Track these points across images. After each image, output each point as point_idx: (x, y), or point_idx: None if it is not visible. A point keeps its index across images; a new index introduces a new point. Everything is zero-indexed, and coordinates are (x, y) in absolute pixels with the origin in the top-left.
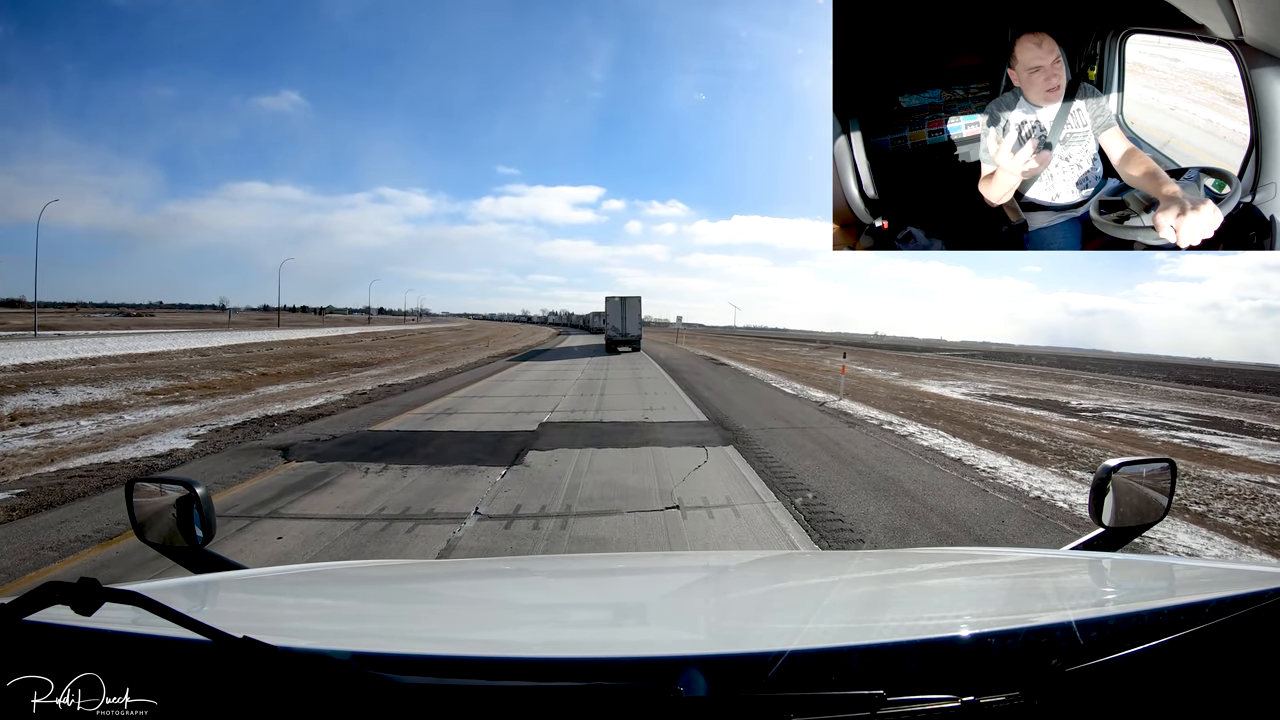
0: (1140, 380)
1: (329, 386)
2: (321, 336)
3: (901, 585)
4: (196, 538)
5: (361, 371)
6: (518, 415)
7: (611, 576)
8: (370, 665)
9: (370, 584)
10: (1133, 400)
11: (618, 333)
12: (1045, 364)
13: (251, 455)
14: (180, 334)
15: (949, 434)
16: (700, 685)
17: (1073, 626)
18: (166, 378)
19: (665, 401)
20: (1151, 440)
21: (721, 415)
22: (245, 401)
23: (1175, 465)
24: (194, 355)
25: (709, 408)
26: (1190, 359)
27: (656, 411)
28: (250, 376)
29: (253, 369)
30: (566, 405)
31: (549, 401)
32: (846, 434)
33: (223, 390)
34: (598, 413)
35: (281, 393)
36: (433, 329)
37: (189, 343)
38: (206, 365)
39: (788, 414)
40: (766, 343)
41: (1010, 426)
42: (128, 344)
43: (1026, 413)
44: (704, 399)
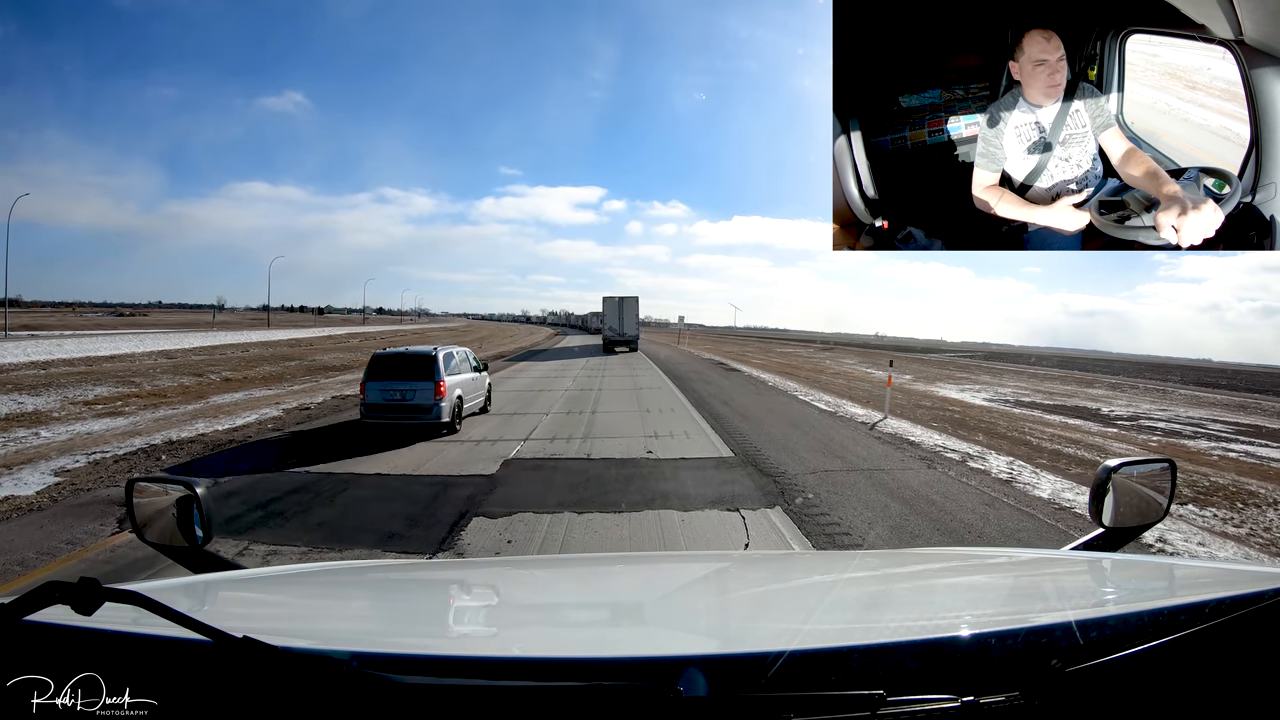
0: (1157, 383)
1: (286, 396)
2: (308, 337)
3: (901, 585)
4: (196, 537)
5: (335, 376)
6: (478, 446)
7: (611, 577)
8: (370, 665)
9: (370, 584)
10: (1163, 406)
11: (615, 333)
12: (1053, 365)
13: (81, 518)
14: (164, 334)
15: (1030, 463)
16: (700, 685)
17: (1073, 627)
18: (117, 384)
19: (673, 423)
20: (1206, 455)
21: (751, 447)
22: (184, 415)
23: (1175, 465)
24: (160, 358)
25: (732, 433)
26: (1191, 360)
27: (663, 441)
28: (210, 382)
29: (218, 373)
30: (547, 428)
31: (525, 423)
32: (932, 482)
33: (172, 398)
34: (585, 441)
35: (234, 402)
36: (428, 329)
37: (164, 344)
38: (168, 369)
39: (838, 444)
40: (769, 344)
41: (1056, 440)
42: (95, 346)
43: (1060, 421)
44: (722, 419)
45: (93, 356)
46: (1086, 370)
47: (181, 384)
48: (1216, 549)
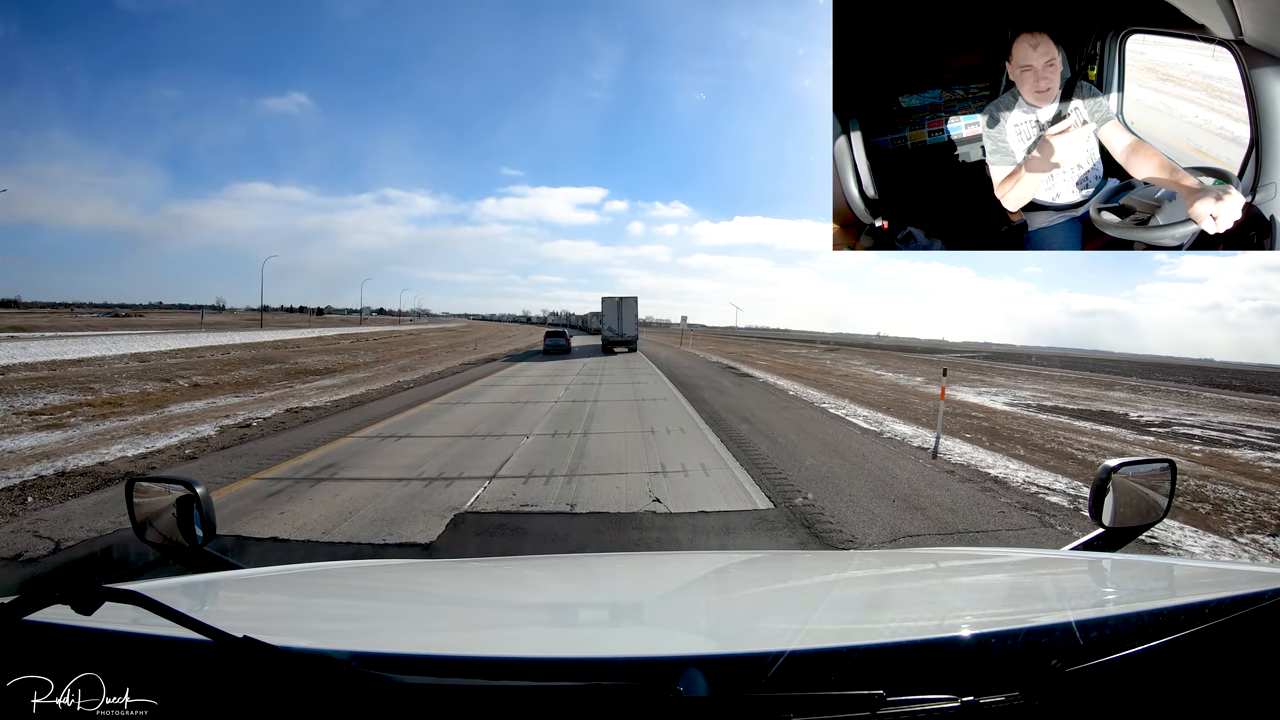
0: (1172, 384)
1: (248, 405)
2: (296, 338)
3: (901, 585)
4: (197, 537)
5: (312, 381)
6: (429, 486)
7: (611, 576)
8: (370, 665)
9: (370, 584)
10: (1191, 410)
11: (614, 333)
12: (1060, 366)
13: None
14: (149, 335)
15: None
16: (700, 685)
17: (1073, 627)
18: (74, 391)
19: (685, 449)
20: (1257, 468)
21: (792, 489)
22: (125, 429)
23: (1175, 465)
24: (133, 361)
25: (763, 467)
26: (1193, 360)
27: (674, 480)
28: (175, 389)
29: (188, 378)
30: (524, 458)
31: (498, 450)
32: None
33: (127, 408)
34: (570, 482)
35: (189, 413)
36: (424, 330)
37: (143, 346)
38: (136, 375)
39: (905, 485)
40: (772, 344)
41: (1102, 453)
42: (65, 349)
43: (1092, 429)
44: (745, 443)
45: (60, 360)
46: (1095, 371)
47: (143, 391)
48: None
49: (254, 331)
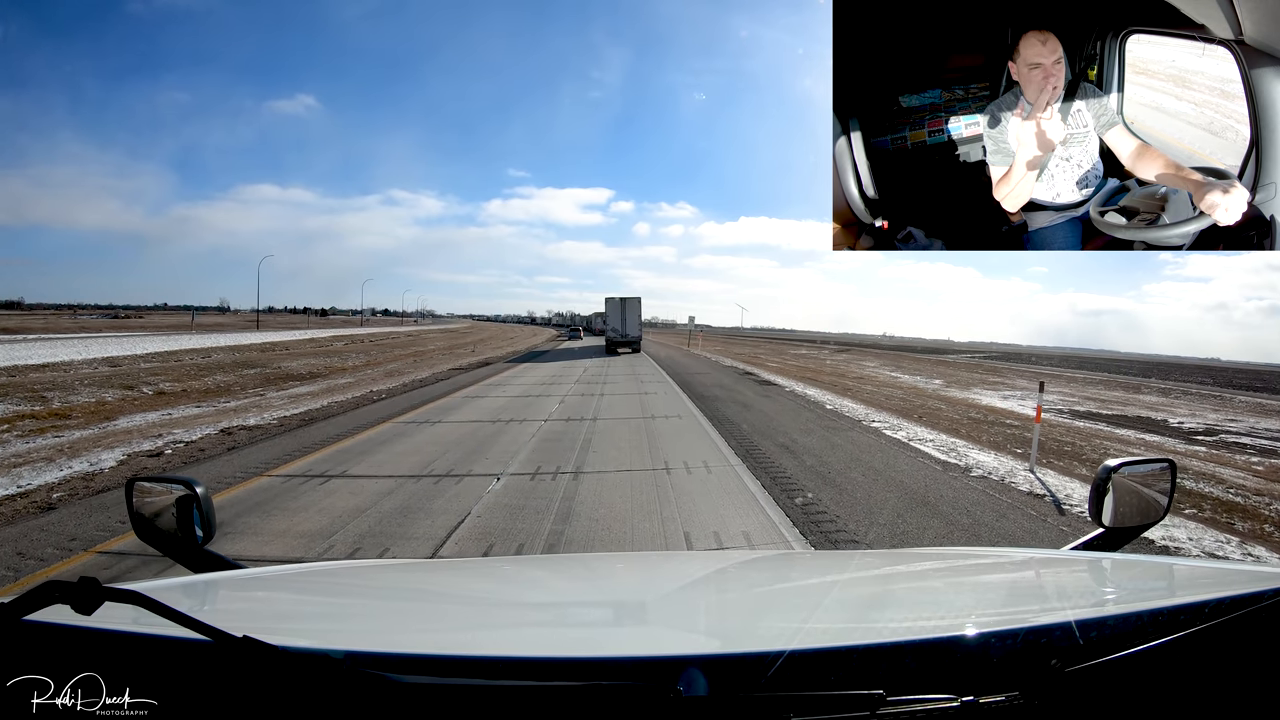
0: (1198, 386)
1: (209, 417)
2: (289, 340)
3: (901, 585)
4: (196, 537)
5: (289, 388)
6: (373, 535)
7: (611, 576)
8: (370, 665)
9: (370, 583)
10: (1228, 414)
11: (618, 334)
12: (1073, 366)
13: None
14: (133, 338)
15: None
16: (700, 685)
17: (1072, 627)
18: (24, 400)
19: (717, 503)
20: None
21: None
22: (54, 448)
23: (1175, 465)
24: (102, 366)
25: (837, 541)
26: (1201, 359)
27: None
28: (137, 397)
29: (155, 385)
30: (484, 520)
31: (454, 503)
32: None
33: (73, 420)
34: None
35: (138, 427)
36: (424, 331)
37: (118, 350)
38: (101, 381)
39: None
40: (780, 345)
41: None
42: (29, 353)
43: (1136, 438)
44: (793, 488)
45: (21, 365)
46: (1110, 372)
47: (100, 400)
48: None
49: (247, 333)
